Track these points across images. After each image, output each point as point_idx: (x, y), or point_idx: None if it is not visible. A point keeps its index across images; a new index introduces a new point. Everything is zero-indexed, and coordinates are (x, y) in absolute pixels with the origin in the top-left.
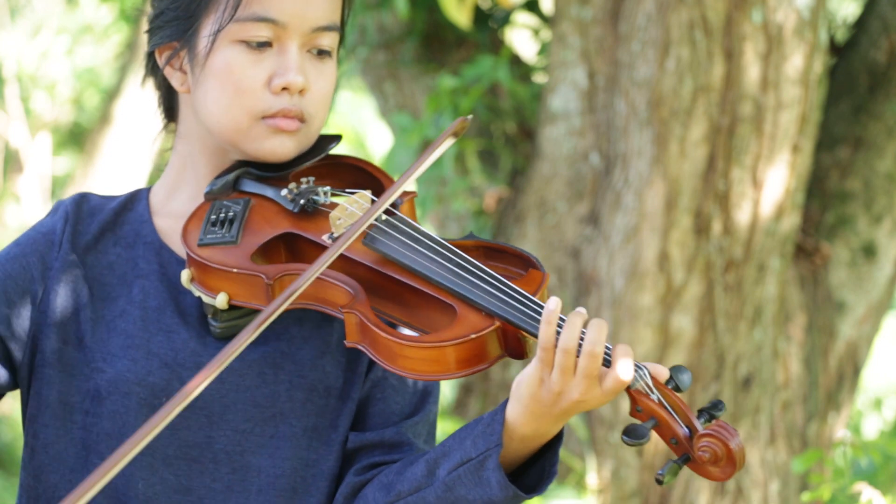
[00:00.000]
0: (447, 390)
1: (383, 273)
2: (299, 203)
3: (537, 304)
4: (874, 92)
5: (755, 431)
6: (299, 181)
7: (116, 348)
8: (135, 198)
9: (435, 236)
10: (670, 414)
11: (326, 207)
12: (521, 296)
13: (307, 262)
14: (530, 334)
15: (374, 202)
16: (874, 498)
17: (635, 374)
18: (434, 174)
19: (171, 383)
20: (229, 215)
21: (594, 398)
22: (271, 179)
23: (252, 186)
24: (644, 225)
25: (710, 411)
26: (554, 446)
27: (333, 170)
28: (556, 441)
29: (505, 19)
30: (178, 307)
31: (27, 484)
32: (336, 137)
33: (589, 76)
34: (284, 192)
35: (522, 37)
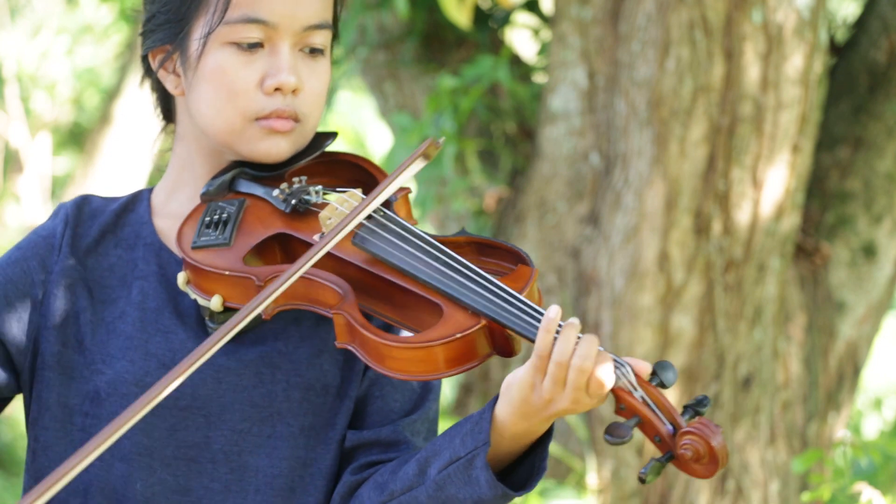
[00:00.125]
0: (447, 389)
1: (373, 272)
2: (291, 203)
3: (523, 303)
4: (874, 92)
5: (755, 431)
6: (291, 181)
7: (115, 350)
8: (136, 199)
9: (425, 234)
10: (653, 412)
11: (318, 207)
12: (508, 294)
13: None
14: (516, 333)
15: (363, 200)
16: (874, 498)
17: (618, 373)
18: (434, 174)
19: None
20: (223, 217)
21: (583, 405)
22: (267, 179)
23: (247, 187)
24: (644, 225)
25: (695, 408)
26: (544, 442)
27: (331, 167)
28: (546, 437)
29: (505, 19)
30: (177, 308)
31: (29, 486)
32: (332, 135)
33: (589, 76)
34: (276, 193)
35: (522, 37)
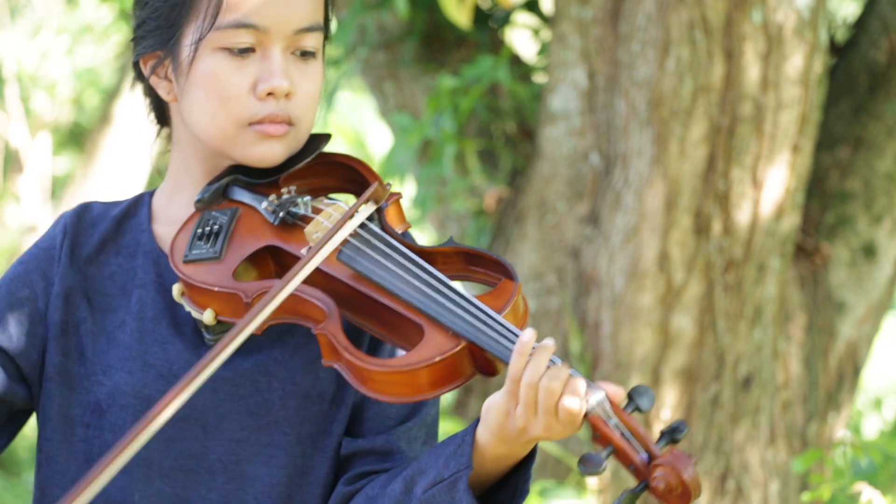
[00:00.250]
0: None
1: (358, 289)
2: (279, 216)
3: (501, 325)
4: (874, 92)
5: (755, 431)
6: (280, 192)
7: (115, 360)
8: (138, 203)
9: (408, 251)
10: (627, 441)
11: (304, 221)
12: (486, 315)
13: None
14: (493, 356)
15: (339, 218)
16: (874, 498)
17: (591, 401)
18: (434, 174)
19: None
20: (214, 228)
21: (556, 432)
22: (259, 187)
23: (241, 195)
24: (644, 225)
25: (671, 434)
26: (527, 464)
27: (327, 168)
28: (529, 459)
29: (505, 19)
30: (174, 318)
31: (35, 496)
32: (326, 136)
33: (589, 76)
34: (265, 205)
35: (522, 37)
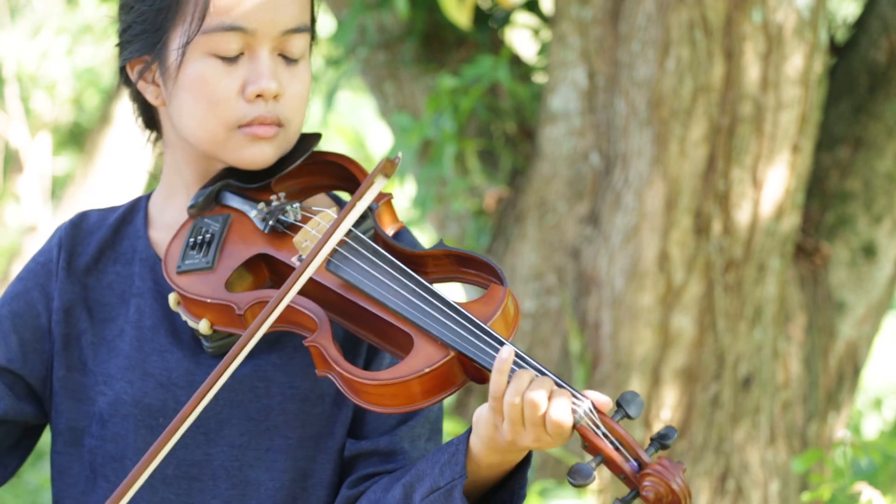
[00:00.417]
0: None
1: (349, 298)
2: (269, 224)
3: (488, 335)
4: (874, 92)
5: (755, 431)
6: (269, 199)
7: (115, 370)
8: (135, 208)
9: (395, 260)
10: (616, 449)
11: (293, 230)
12: (473, 325)
13: (284, 281)
14: (482, 366)
15: (334, 221)
16: (874, 498)
17: (578, 412)
18: (434, 174)
19: (167, 403)
20: (207, 237)
21: (546, 443)
22: (251, 191)
23: (233, 200)
24: (644, 225)
25: (661, 441)
26: (523, 469)
27: (320, 167)
28: (525, 464)
29: (505, 19)
30: (172, 326)
31: None
32: (317, 136)
33: (589, 76)
34: (254, 213)
35: (522, 37)
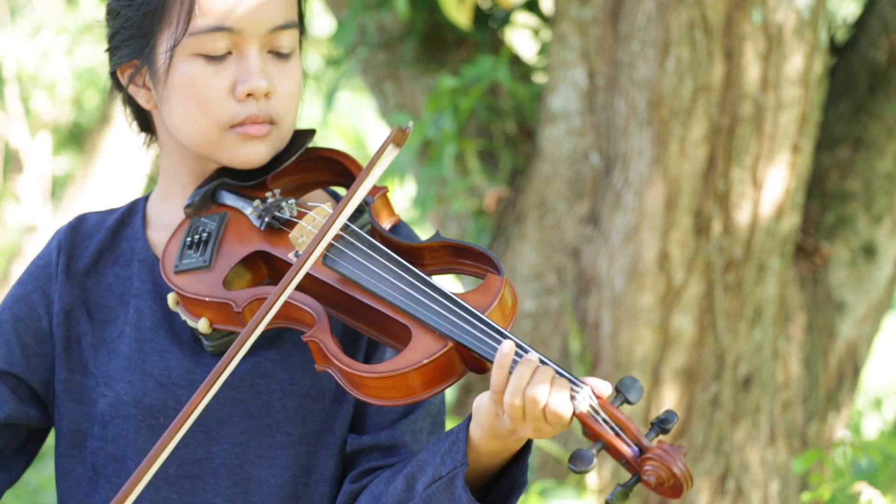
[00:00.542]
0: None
1: (346, 292)
2: (265, 221)
3: (486, 325)
4: (874, 92)
5: (755, 431)
6: (265, 197)
7: (115, 371)
8: (133, 210)
9: (391, 252)
10: (617, 435)
11: (289, 227)
12: (471, 315)
13: (282, 277)
14: (480, 356)
15: (330, 215)
16: (874, 498)
17: (577, 399)
18: (434, 174)
19: (167, 403)
20: (203, 236)
21: (546, 433)
22: (247, 189)
23: (228, 198)
24: (644, 225)
25: (661, 425)
26: (524, 456)
27: (315, 163)
28: (526, 451)
29: (505, 19)
30: (172, 326)
31: None
32: (310, 132)
33: (589, 76)
34: (250, 210)
35: (522, 37)
